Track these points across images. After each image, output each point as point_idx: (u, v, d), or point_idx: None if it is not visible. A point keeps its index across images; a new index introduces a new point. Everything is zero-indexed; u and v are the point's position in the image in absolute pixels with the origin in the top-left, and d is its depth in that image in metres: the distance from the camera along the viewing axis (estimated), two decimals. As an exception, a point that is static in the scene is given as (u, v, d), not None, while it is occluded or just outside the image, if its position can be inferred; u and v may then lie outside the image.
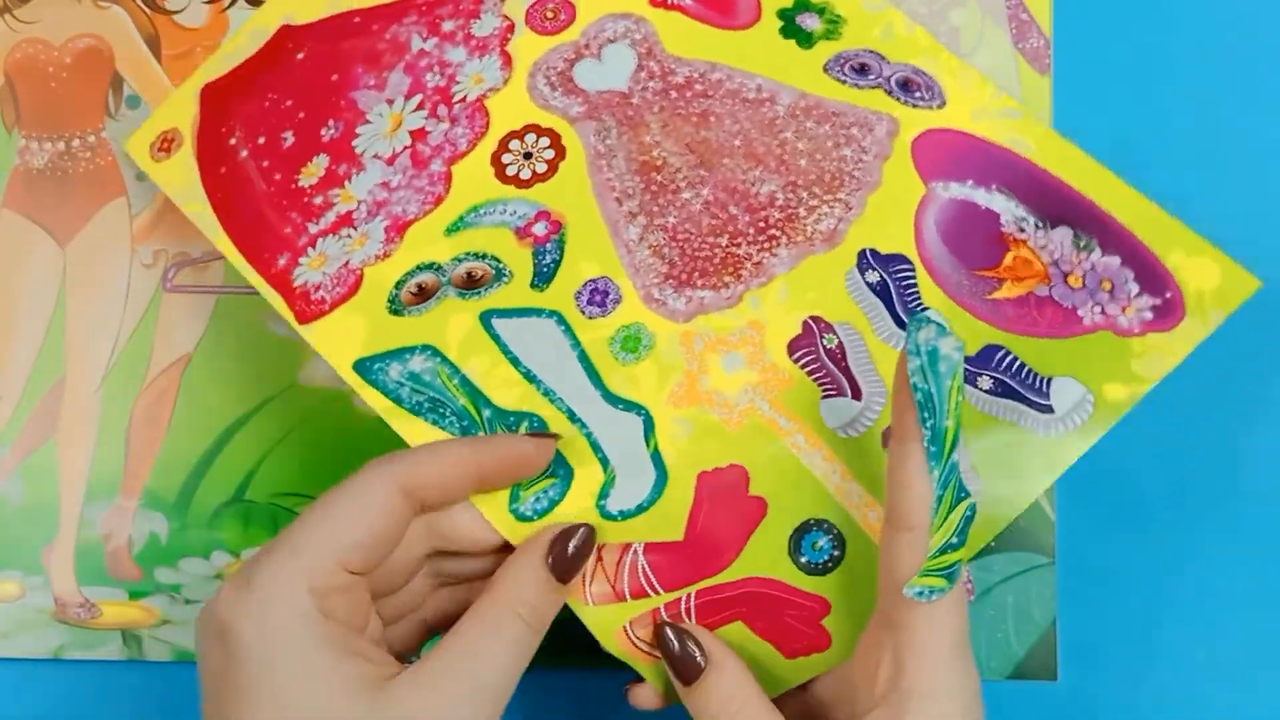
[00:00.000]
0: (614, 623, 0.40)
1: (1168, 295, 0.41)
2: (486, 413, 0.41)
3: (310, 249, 0.44)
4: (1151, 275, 0.42)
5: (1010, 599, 0.47)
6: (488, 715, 0.35)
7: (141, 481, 0.48)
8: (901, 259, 0.43)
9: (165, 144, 0.45)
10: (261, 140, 0.45)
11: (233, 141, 0.45)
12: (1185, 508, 0.48)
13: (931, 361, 0.35)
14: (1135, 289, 0.41)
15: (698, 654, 0.38)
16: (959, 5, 0.50)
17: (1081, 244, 0.42)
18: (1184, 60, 0.50)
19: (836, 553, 0.40)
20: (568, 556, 0.38)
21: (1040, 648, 0.46)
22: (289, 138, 0.45)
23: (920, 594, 0.35)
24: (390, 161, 0.44)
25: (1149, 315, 0.41)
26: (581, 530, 0.38)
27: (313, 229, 0.44)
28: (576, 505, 0.40)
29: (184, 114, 0.46)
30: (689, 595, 0.40)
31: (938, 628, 0.35)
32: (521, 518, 0.40)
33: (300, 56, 0.46)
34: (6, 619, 0.47)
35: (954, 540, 0.35)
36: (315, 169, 0.45)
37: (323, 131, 0.45)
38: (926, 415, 0.35)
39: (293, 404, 0.48)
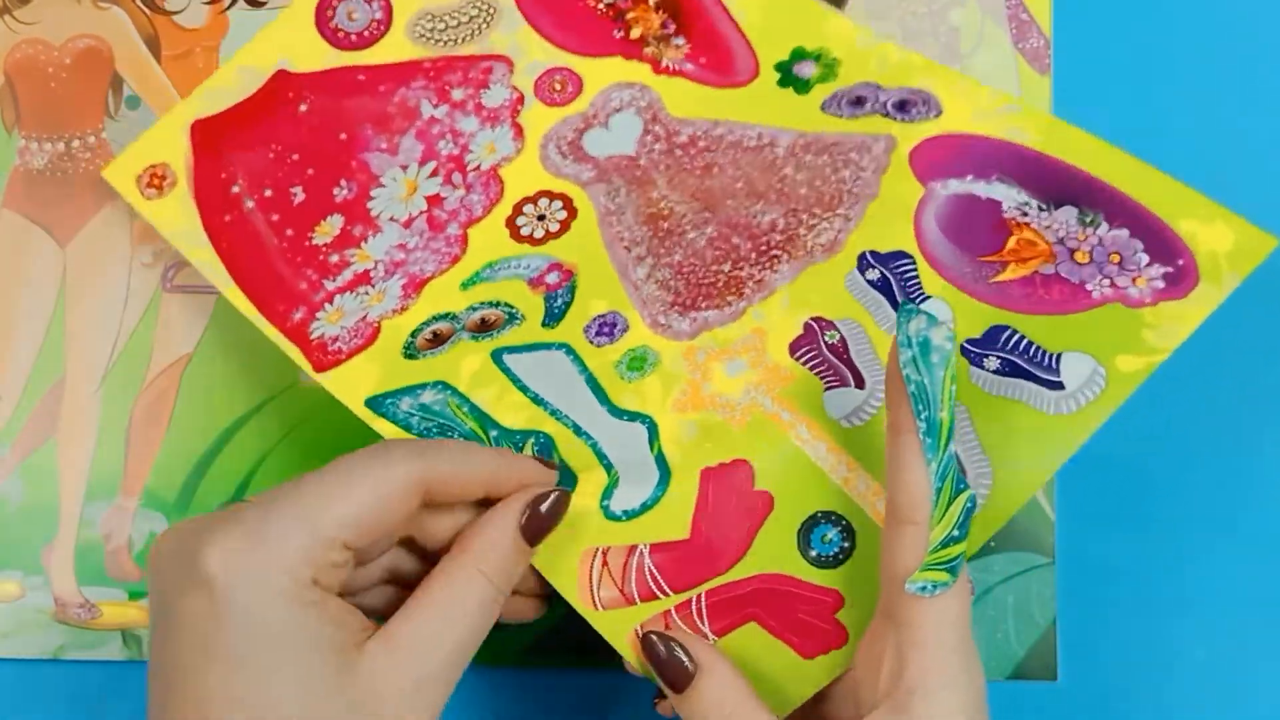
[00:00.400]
0: (625, 627, 0.39)
1: (1180, 262, 0.41)
2: (493, 433, 0.42)
3: (328, 304, 0.44)
4: (1162, 244, 0.41)
5: (1010, 599, 0.47)
6: (454, 675, 0.35)
7: (141, 481, 0.48)
8: (902, 254, 0.43)
9: (155, 180, 0.45)
10: (269, 193, 0.45)
11: (236, 190, 0.45)
12: (1185, 507, 0.48)
13: (923, 352, 0.34)
14: (1145, 259, 0.41)
15: (686, 660, 0.37)
16: (959, 5, 0.51)
17: (1088, 220, 0.42)
18: (1184, 60, 0.51)
19: (846, 544, 0.40)
20: (540, 516, 0.37)
21: (1040, 648, 0.46)
22: (299, 194, 0.45)
23: (923, 589, 0.35)
24: (407, 225, 0.45)
25: (1160, 284, 0.41)
26: (555, 494, 0.38)
27: (329, 286, 0.44)
28: (580, 506, 0.40)
29: (173, 149, 0.46)
30: (699, 596, 0.40)
31: (941, 622, 0.35)
32: None
33: (303, 109, 0.46)
34: (6, 619, 0.47)
35: (955, 533, 0.35)
36: (330, 228, 0.45)
37: (335, 191, 0.45)
38: (921, 407, 0.35)
39: (293, 404, 0.48)
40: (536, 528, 0.37)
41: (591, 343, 0.43)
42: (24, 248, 0.49)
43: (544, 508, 0.37)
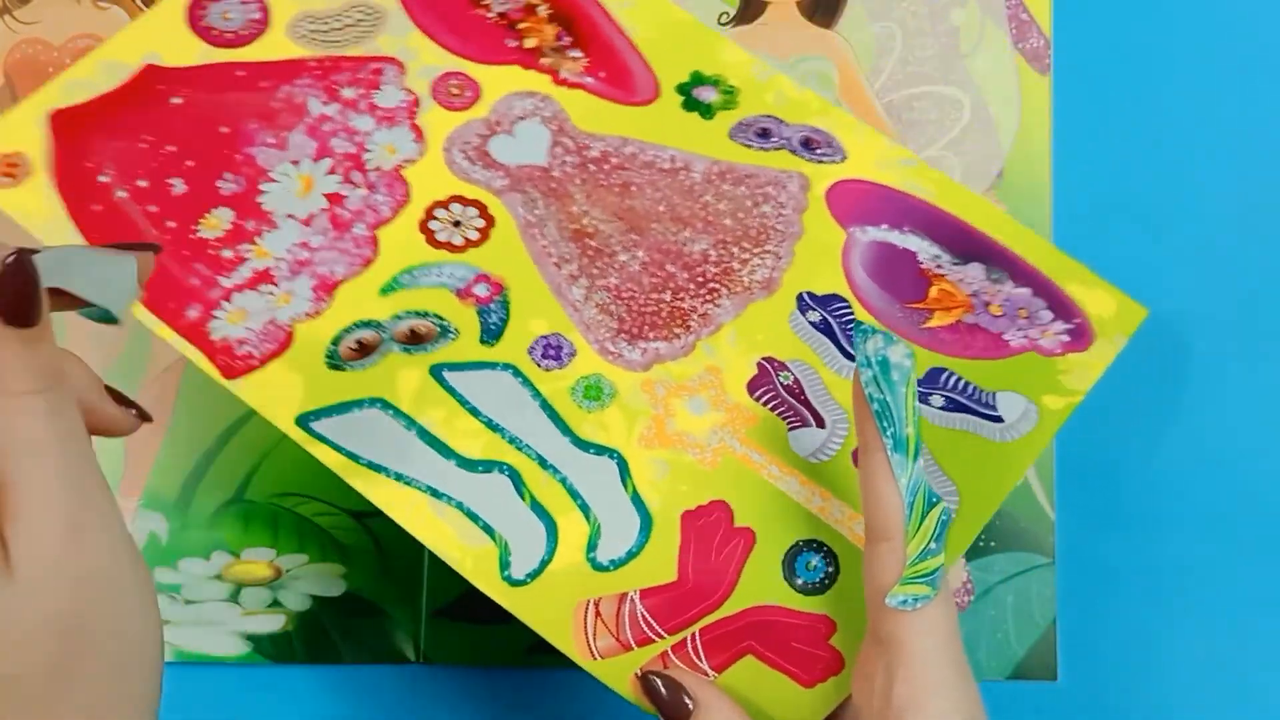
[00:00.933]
0: (625, 672, 0.39)
1: (1077, 321, 0.44)
2: (451, 462, 0.41)
3: (225, 302, 0.42)
4: (1060, 304, 0.44)
5: (1010, 599, 0.47)
6: (98, 487, 0.30)
7: (141, 481, 0.48)
8: (838, 298, 0.44)
9: (8, 169, 0.43)
10: (143, 184, 0.43)
11: (104, 179, 0.43)
12: (1184, 508, 0.48)
13: (884, 370, 0.35)
14: (1049, 316, 0.44)
15: (685, 698, 0.38)
16: (959, 5, 0.51)
17: (993, 277, 0.44)
18: (1184, 60, 0.51)
19: (831, 569, 0.40)
20: (7, 296, 0.30)
21: (1040, 648, 0.46)
22: (179, 185, 0.44)
23: (904, 603, 0.35)
24: (307, 222, 0.44)
25: (1065, 338, 0.43)
26: (8, 256, 0.29)
27: (225, 282, 0.43)
28: (567, 560, 0.40)
29: (28, 139, 0.44)
30: (694, 635, 0.40)
31: (926, 636, 0.35)
32: (516, 583, 0.40)
33: (177, 101, 0.45)
34: (6, 619, 0.47)
35: (932, 546, 0.35)
36: (218, 221, 0.43)
37: (219, 184, 0.44)
38: (886, 424, 0.35)
39: (293, 404, 0.48)
40: (11, 307, 0.29)
41: (539, 365, 0.42)
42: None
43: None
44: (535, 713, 0.47)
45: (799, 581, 0.40)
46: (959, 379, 0.43)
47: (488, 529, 0.40)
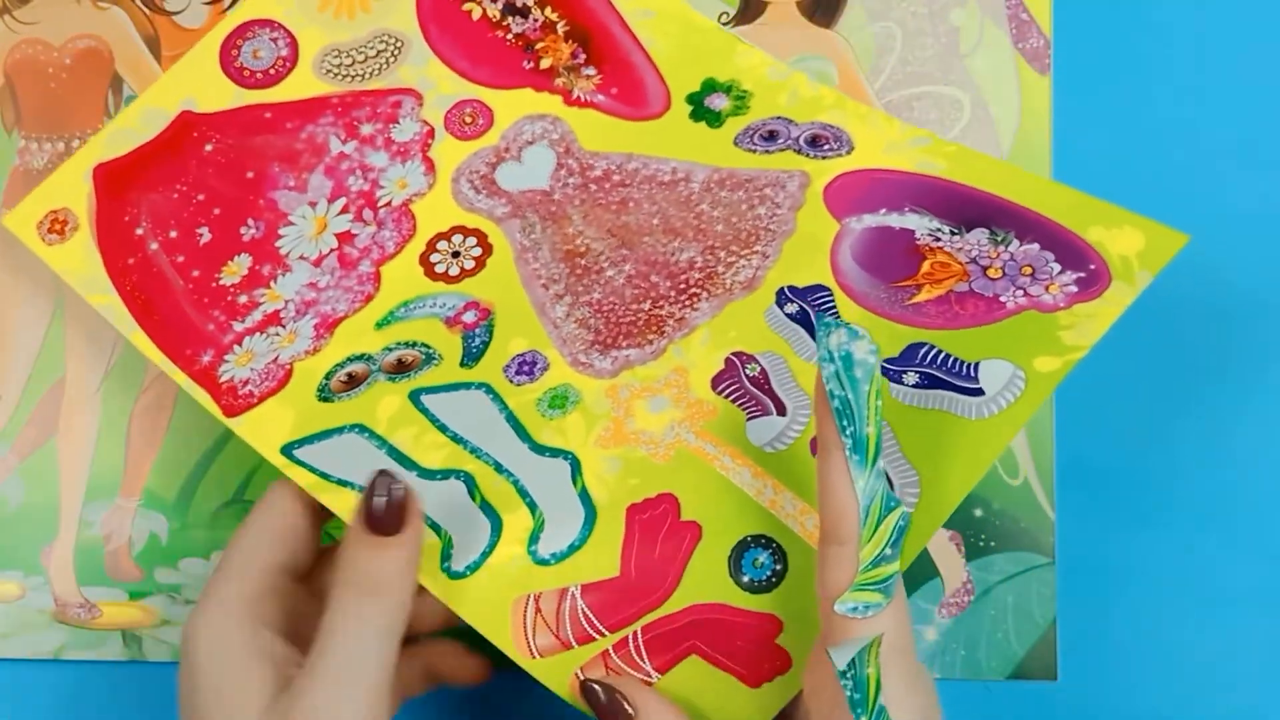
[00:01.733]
0: (565, 672, 0.39)
1: (1091, 267, 0.41)
2: (413, 474, 0.41)
3: (236, 346, 0.43)
4: (1072, 253, 0.41)
5: (1010, 599, 0.47)
6: (378, 699, 0.36)
7: (141, 481, 0.48)
8: (820, 288, 0.43)
9: (57, 225, 0.44)
10: (174, 234, 0.44)
11: (139, 232, 0.44)
12: (1185, 507, 0.48)
13: (846, 367, 0.33)
14: (1057, 268, 0.41)
15: (625, 705, 0.37)
16: (959, 5, 0.51)
17: (999, 239, 0.42)
18: (1183, 60, 0.51)
19: (779, 567, 0.39)
20: (376, 508, 0.37)
21: (1040, 648, 0.46)
22: (205, 234, 0.45)
23: (854, 610, 0.33)
24: (317, 263, 0.44)
25: (1073, 288, 0.41)
26: (378, 478, 0.37)
27: (238, 327, 0.44)
28: (508, 553, 0.40)
29: (74, 194, 0.45)
30: (635, 633, 0.39)
31: None
32: (455, 576, 0.40)
33: (209, 149, 0.46)
34: (6, 619, 0.47)
35: (887, 552, 0.34)
36: (237, 268, 0.44)
37: (242, 230, 0.45)
38: (846, 423, 0.33)
39: (292, 404, 0.48)
40: (380, 521, 0.37)
41: (511, 382, 0.42)
42: (24, 247, 0.49)
43: (375, 500, 0.37)
44: (536, 713, 0.47)
45: (745, 579, 0.39)
46: (938, 352, 0.41)
47: (435, 526, 0.40)
